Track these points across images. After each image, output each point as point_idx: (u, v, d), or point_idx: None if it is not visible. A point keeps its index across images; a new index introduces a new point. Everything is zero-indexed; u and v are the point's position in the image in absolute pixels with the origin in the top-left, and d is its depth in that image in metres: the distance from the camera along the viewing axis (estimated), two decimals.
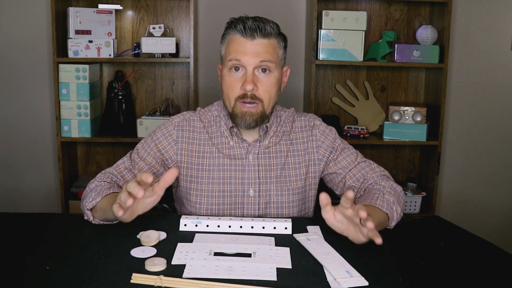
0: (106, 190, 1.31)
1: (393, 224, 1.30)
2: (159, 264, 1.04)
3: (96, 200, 1.28)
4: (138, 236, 1.20)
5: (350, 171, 1.47)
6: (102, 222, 1.29)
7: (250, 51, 1.35)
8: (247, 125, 1.39)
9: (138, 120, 2.52)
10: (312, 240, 1.19)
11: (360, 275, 1.02)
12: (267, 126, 1.45)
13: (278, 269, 1.05)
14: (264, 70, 1.37)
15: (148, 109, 2.69)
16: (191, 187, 1.45)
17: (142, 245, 1.15)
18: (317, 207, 1.57)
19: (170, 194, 1.59)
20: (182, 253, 1.10)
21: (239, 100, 1.37)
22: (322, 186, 1.56)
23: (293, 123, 1.52)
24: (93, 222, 1.29)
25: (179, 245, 1.15)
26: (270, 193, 1.44)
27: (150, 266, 1.03)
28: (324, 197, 1.09)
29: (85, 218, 1.31)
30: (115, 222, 1.28)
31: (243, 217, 1.42)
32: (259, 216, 1.44)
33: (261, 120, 1.40)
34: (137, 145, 1.49)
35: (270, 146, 1.46)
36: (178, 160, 1.45)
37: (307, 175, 1.49)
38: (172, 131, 1.46)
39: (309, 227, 1.28)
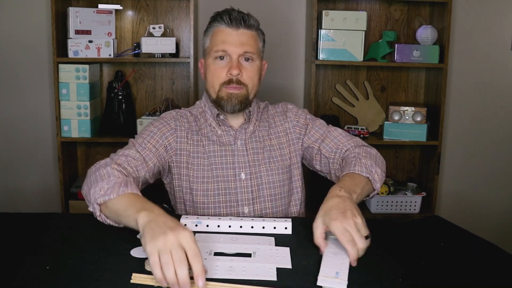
0: (123, 188, 1.18)
1: (378, 186, 1.38)
2: None
3: (110, 196, 1.16)
4: (138, 236, 1.19)
5: (323, 142, 1.55)
6: (108, 221, 1.20)
7: (235, 40, 1.45)
8: (233, 107, 1.48)
9: (138, 120, 2.52)
10: (336, 241, 1.14)
11: (344, 280, 0.98)
12: (249, 111, 1.54)
13: (278, 269, 1.05)
14: (247, 59, 1.47)
15: (148, 109, 2.69)
16: (188, 173, 1.50)
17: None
18: (316, 206, 1.57)
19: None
20: None
21: (225, 85, 1.46)
22: (312, 179, 1.56)
23: (268, 110, 1.63)
24: (98, 218, 1.21)
25: None
26: (261, 175, 1.52)
27: (150, 266, 1.03)
28: (321, 247, 1.13)
29: (90, 209, 1.21)
30: (122, 226, 1.19)
31: (238, 201, 1.49)
32: (252, 199, 1.50)
33: (245, 104, 1.49)
34: (136, 136, 1.50)
35: (255, 131, 1.56)
36: (178, 148, 1.51)
37: (291, 154, 1.57)
38: (169, 121, 1.54)
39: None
